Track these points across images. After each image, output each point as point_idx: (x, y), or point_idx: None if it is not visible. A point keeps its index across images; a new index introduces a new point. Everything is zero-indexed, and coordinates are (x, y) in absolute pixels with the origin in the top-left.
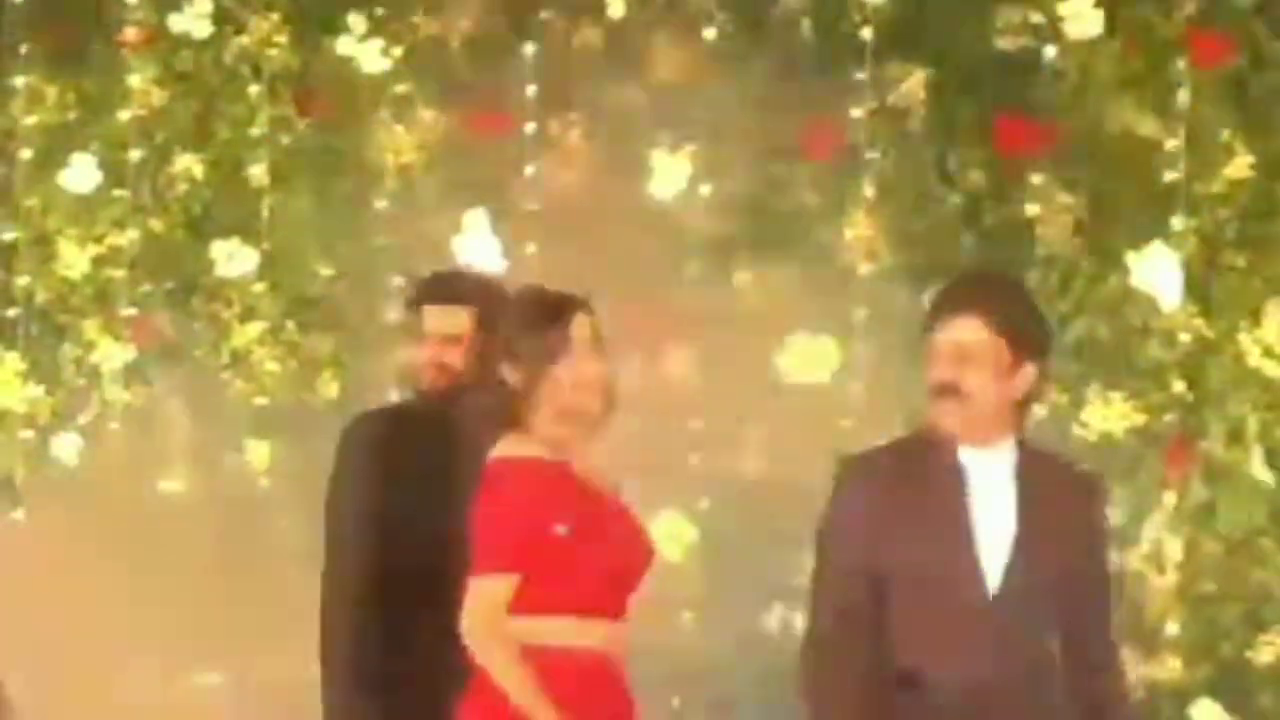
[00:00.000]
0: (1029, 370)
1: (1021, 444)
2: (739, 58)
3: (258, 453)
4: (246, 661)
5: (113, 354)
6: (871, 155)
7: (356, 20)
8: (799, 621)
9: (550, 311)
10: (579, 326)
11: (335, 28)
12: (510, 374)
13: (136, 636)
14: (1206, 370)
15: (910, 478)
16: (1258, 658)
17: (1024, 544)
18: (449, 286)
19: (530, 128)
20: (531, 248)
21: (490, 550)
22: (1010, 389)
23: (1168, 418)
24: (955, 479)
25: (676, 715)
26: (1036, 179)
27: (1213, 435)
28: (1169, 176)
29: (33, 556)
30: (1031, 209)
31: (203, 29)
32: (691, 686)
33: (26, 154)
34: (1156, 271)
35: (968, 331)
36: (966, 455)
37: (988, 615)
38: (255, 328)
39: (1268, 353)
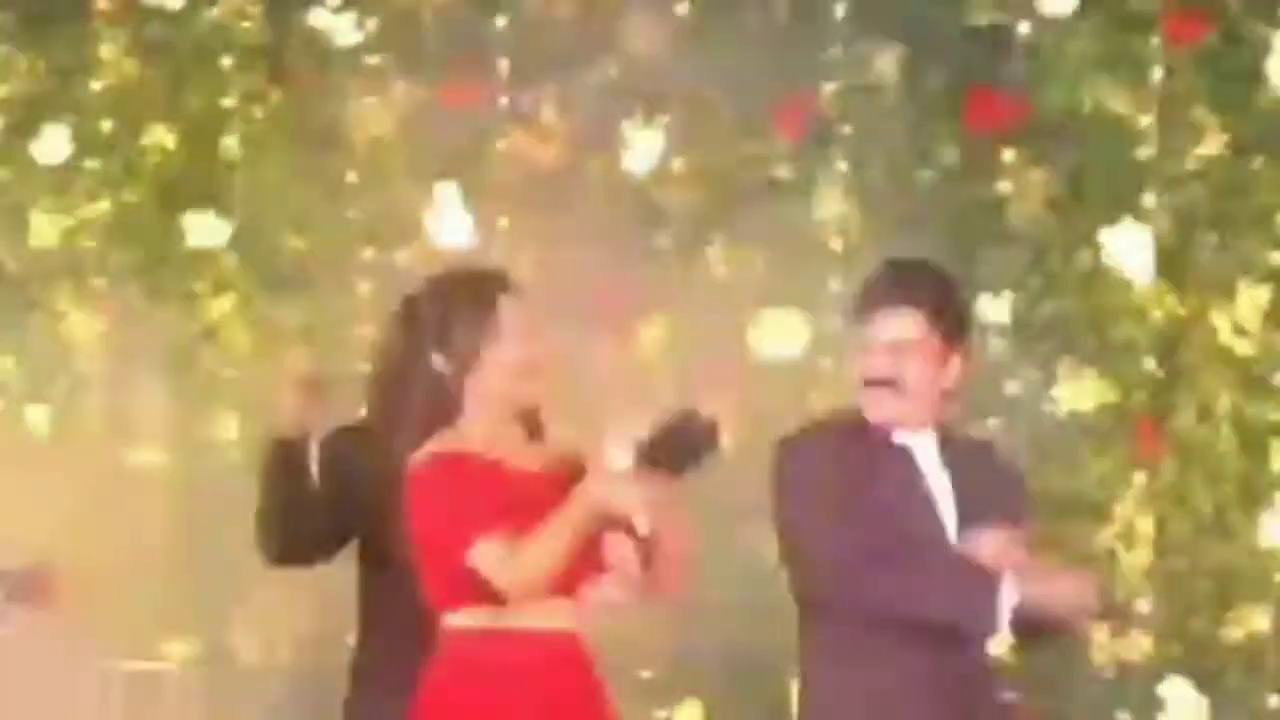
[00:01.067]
0: (956, 361)
1: (941, 429)
2: (712, 32)
3: (228, 425)
4: (216, 632)
5: (84, 325)
6: (844, 130)
7: None
8: (767, 595)
9: (474, 293)
10: (506, 308)
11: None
12: (443, 364)
13: (106, 606)
14: (1178, 348)
15: (854, 459)
16: (1228, 635)
17: (964, 525)
18: None
19: (503, 101)
20: (504, 221)
21: (455, 540)
22: (940, 379)
23: (1139, 395)
24: (904, 459)
25: (646, 688)
26: (1009, 155)
27: (1184, 413)
28: (1142, 153)
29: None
30: (1004, 185)
31: (175, 1)
32: (661, 659)
33: None
34: (1129, 249)
35: (904, 326)
36: (903, 438)
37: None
38: (226, 300)
39: (1239, 331)
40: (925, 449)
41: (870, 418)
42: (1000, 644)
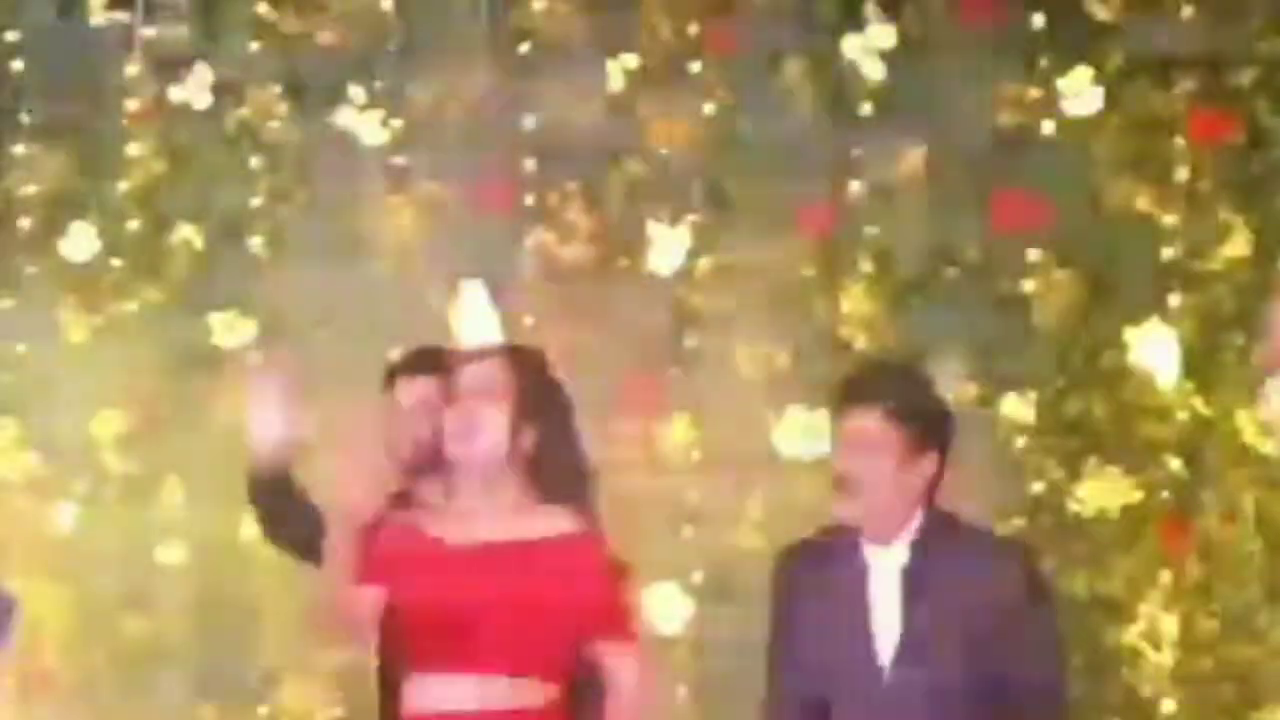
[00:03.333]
0: (930, 458)
1: (923, 537)
2: (738, 131)
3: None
4: None
5: (110, 423)
6: (869, 230)
7: (356, 92)
8: None
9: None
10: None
11: (334, 99)
12: None
13: (130, 703)
14: (1203, 448)
15: (825, 576)
16: None
17: (909, 636)
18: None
19: (529, 200)
20: (530, 320)
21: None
22: (910, 478)
23: (1164, 495)
24: (859, 579)
25: None
26: (1034, 255)
27: (1209, 513)
28: (1167, 254)
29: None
30: (1029, 285)
31: (203, 100)
32: None
33: (25, 223)
34: (1154, 349)
35: (866, 421)
36: (870, 552)
37: (882, 708)
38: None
39: (1264, 431)
40: (892, 560)
41: (837, 518)
42: None
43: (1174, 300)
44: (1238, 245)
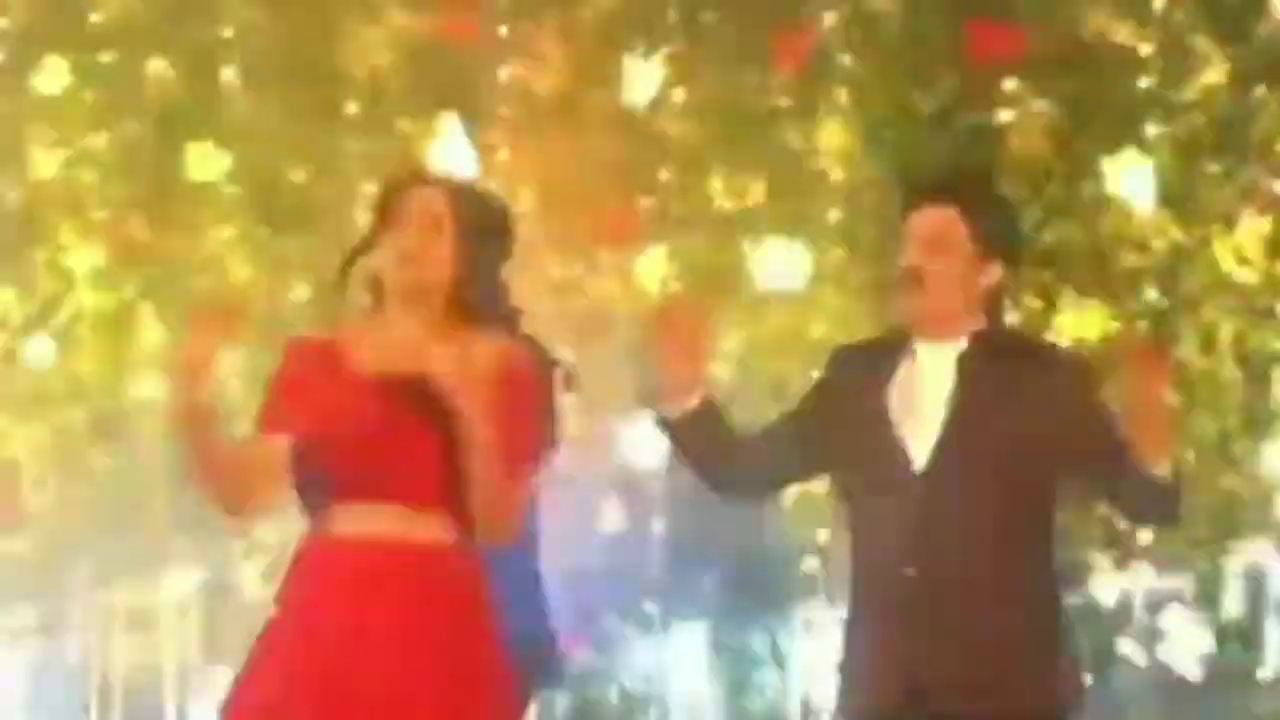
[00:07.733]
0: (995, 268)
1: (984, 333)
2: None
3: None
4: (216, 565)
5: (85, 257)
6: (844, 61)
7: None
8: (773, 526)
9: (397, 183)
10: (409, 200)
11: None
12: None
13: (111, 537)
14: (1180, 277)
15: (871, 369)
16: (1229, 565)
17: (953, 422)
18: None
19: (503, 32)
20: (504, 152)
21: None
22: (974, 282)
23: (1141, 324)
24: (906, 369)
25: (651, 621)
26: (1010, 85)
27: (1186, 342)
28: (1143, 83)
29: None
30: (1005, 115)
31: None
32: (665, 593)
33: None
34: (1130, 178)
35: (939, 218)
36: (925, 347)
37: (912, 489)
38: (227, 231)
39: (1241, 259)
40: (943, 354)
41: (898, 311)
42: None
43: (1151, 130)
44: (1214, 74)
